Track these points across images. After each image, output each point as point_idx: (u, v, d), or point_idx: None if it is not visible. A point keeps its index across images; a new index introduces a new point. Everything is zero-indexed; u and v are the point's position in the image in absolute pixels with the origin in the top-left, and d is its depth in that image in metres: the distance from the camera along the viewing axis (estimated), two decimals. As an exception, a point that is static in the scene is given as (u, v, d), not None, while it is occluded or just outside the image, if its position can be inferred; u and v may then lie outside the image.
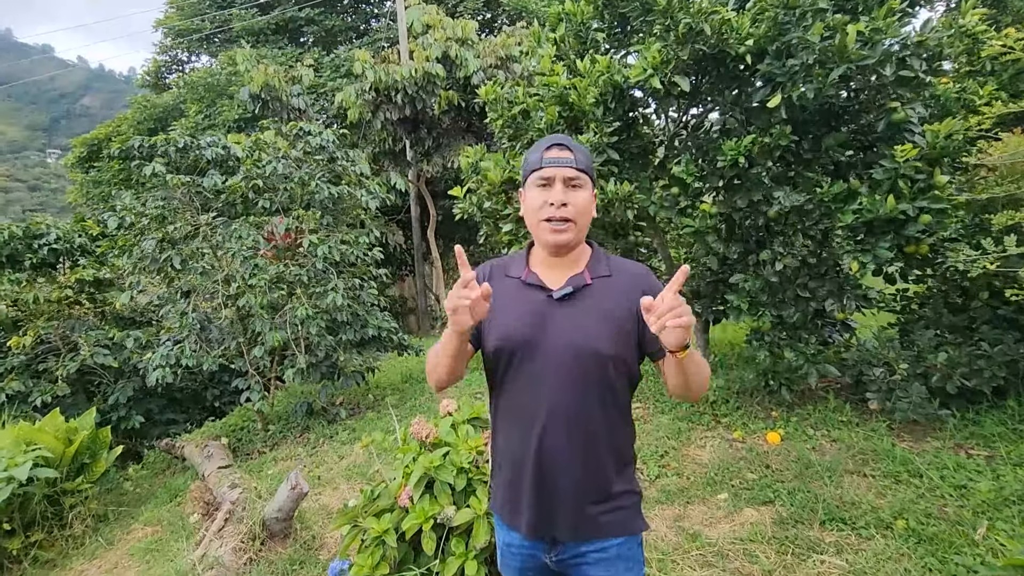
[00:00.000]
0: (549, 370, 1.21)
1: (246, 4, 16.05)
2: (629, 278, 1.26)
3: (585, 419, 1.21)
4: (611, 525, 1.24)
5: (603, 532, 1.24)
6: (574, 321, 1.21)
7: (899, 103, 2.93)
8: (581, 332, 1.20)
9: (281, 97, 10.41)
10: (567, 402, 1.20)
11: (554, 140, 1.26)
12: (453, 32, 9.83)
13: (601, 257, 1.32)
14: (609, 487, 1.24)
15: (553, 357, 1.21)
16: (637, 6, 3.43)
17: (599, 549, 1.24)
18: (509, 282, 1.32)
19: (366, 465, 4.15)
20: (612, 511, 1.24)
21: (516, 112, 3.64)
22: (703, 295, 4.21)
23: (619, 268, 1.29)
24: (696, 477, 3.20)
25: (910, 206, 2.81)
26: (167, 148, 4.61)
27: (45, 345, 5.88)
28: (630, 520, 1.26)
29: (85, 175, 15.54)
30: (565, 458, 1.21)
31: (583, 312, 1.22)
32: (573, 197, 1.23)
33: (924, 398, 3.23)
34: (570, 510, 1.23)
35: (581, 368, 1.19)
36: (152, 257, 4.73)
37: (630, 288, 1.23)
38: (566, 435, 1.21)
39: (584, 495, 1.22)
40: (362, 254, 5.37)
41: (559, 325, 1.22)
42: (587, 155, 1.28)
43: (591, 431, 1.21)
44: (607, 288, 1.25)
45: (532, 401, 1.24)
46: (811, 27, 2.85)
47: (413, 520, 2.10)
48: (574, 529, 1.24)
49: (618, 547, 1.25)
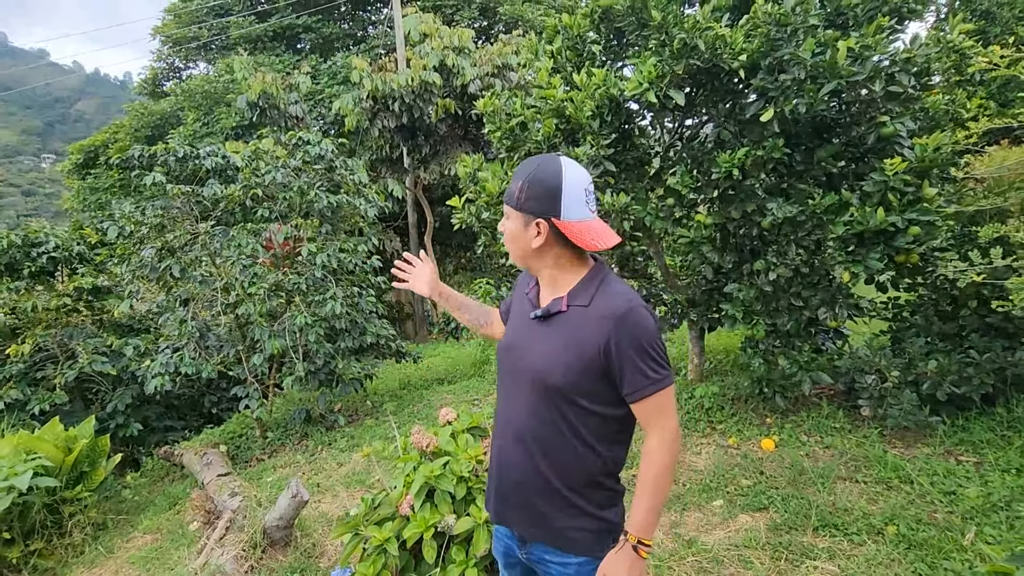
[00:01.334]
0: (516, 383, 1.33)
1: (244, 12, 16.12)
2: (605, 314, 1.19)
3: (530, 434, 1.28)
4: (572, 542, 1.28)
5: (565, 546, 1.29)
6: (541, 344, 1.28)
7: (888, 117, 3.01)
8: (541, 356, 1.26)
9: (279, 105, 10.47)
10: (518, 415, 1.31)
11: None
12: (450, 41, 9.92)
13: (590, 283, 1.26)
14: (557, 499, 1.27)
15: (520, 373, 1.30)
16: (633, 21, 3.50)
17: (561, 563, 1.31)
18: (520, 294, 1.44)
19: (365, 473, 4.18)
20: (575, 530, 1.28)
21: (514, 124, 3.70)
22: (698, 303, 4.27)
23: (600, 300, 1.22)
24: (692, 484, 3.24)
25: (899, 218, 2.88)
26: (167, 158, 4.65)
27: (43, 353, 5.88)
28: (594, 543, 1.28)
29: (82, 181, 15.53)
30: (512, 464, 1.32)
31: (551, 337, 1.26)
32: (504, 225, 1.32)
33: (915, 405, 3.29)
34: (517, 510, 1.33)
35: (534, 389, 1.26)
36: (151, 265, 4.76)
37: (603, 325, 1.18)
38: (513, 444, 1.31)
39: (529, 499, 1.30)
40: (360, 262, 5.42)
41: (531, 344, 1.30)
42: (521, 178, 1.25)
43: (539, 448, 1.27)
44: (580, 318, 1.23)
45: (502, 407, 1.38)
46: (803, 43, 2.92)
47: (414, 528, 2.13)
48: (527, 528, 1.33)
49: (578, 566, 1.29)
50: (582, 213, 1.22)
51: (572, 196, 1.21)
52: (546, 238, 1.24)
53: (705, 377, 4.73)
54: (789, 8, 2.90)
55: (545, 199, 1.21)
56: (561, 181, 1.21)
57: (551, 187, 1.21)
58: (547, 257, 1.28)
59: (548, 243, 1.25)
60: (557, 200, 1.21)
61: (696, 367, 4.71)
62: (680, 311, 4.48)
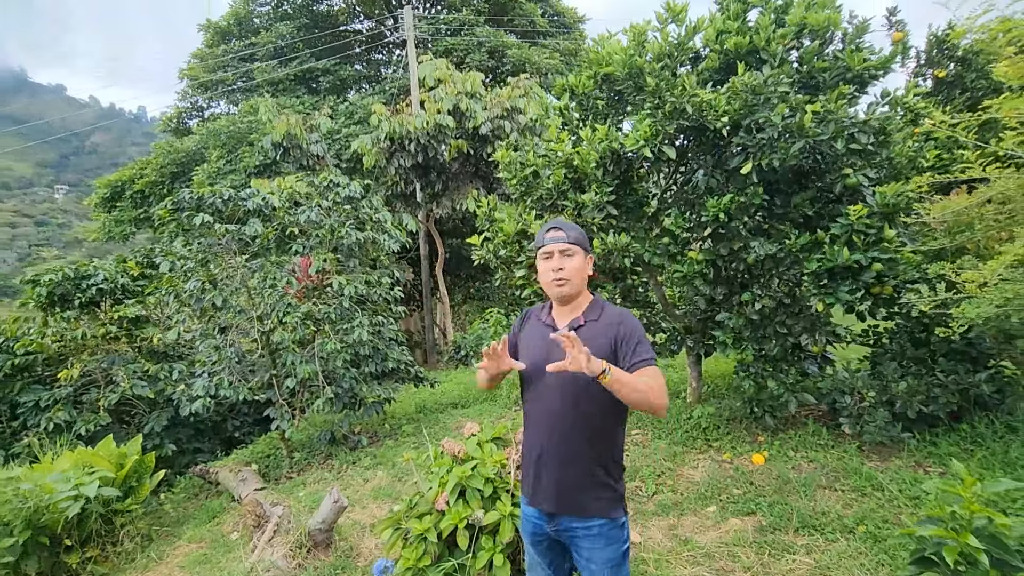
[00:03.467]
0: (555, 388, 1.74)
1: (267, 58, 17.09)
2: (611, 322, 1.74)
3: (570, 424, 1.71)
4: (592, 508, 1.71)
5: (585, 512, 1.72)
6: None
7: (852, 169, 3.49)
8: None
9: (301, 144, 11.15)
10: (560, 411, 1.73)
11: (552, 224, 1.82)
12: (463, 86, 10.62)
13: (597, 305, 1.81)
14: (589, 476, 1.71)
15: (553, 378, 1.71)
16: (630, 84, 4.03)
17: (585, 527, 1.73)
18: (537, 322, 1.89)
19: (390, 487, 4.55)
20: (594, 499, 1.71)
21: (528, 173, 4.20)
22: (694, 331, 4.69)
23: (606, 314, 1.78)
24: (689, 493, 3.61)
25: (863, 256, 3.32)
26: (214, 200, 5.19)
27: (86, 377, 6.34)
28: (609, 508, 1.72)
29: (107, 214, 16.25)
30: (555, 452, 1.73)
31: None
32: (567, 263, 1.77)
33: (888, 422, 3.67)
34: (555, 490, 1.73)
35: (570, 386, 1.69)
36: (196, 297, 5.24)
37: (610, 329, 1.72)
38: (556, 436, 1.73)
39: (569, 480, 1.71)
40: (384, 293, 5.89)
41: (558, 354, 1.69)
42: (577, 230, 1.79)
43: (575, 433, 1.71)
44: (594, 328, 1.73)
45: (540, 409, 1.78)
46: (775, 108, 3.43)
47: (449, 521, 2.53)
48: (559, 503, 1.73)
49: (599, 527, 1.72)
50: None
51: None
52: (589, 269, 1.81)
53: (703, 399, 5.11)
54: (762, 81, 3.41)
55: (587, 242, 1.82)
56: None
57: (585, 235, 1.81)
58: (584, 286, 1.82)
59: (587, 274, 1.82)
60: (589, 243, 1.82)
61: (694, 390, 5.10)
62: (678, 338, 4.90)
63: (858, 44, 3.79)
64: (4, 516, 3.76)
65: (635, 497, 3.71)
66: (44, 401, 5.91)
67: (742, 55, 3.86)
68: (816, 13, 3.56)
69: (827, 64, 3.66)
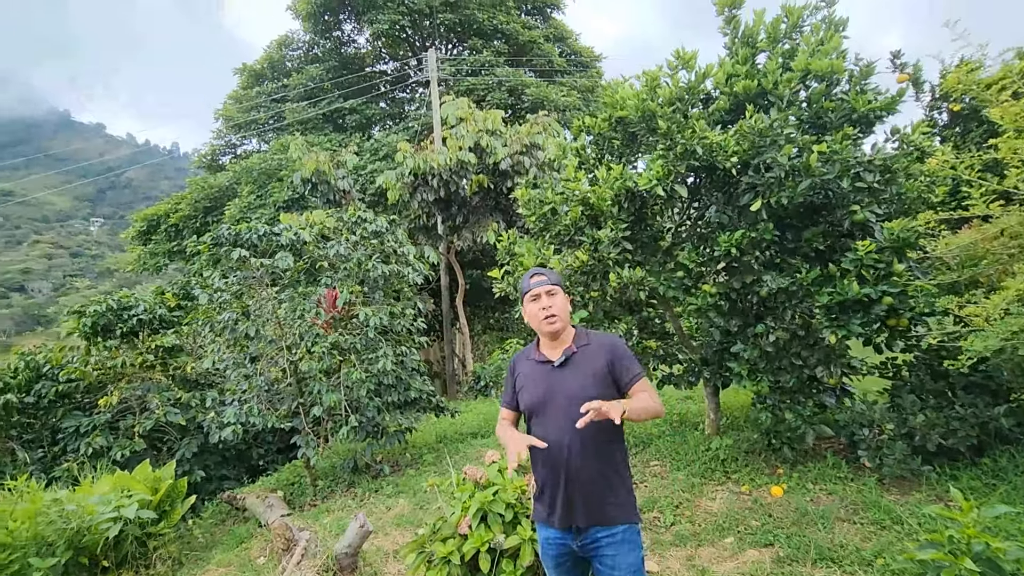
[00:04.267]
0: (560, 413, 1.91)
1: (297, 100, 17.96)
2: (602, 345, 1.99)
3: (580, 446, 1.88)
4: (615, 514, 1.87)
5: (609, 519, 1.87)
6: (570, 378, 1.94)
7: (859, 206, 3.61)
8: (575, 384, 1.92)
9: (329, 180, 11.64)
10: (568, 437, 1.88)
11: (534, 271, 2.07)
12: (483, 124, 11.04)
13: (582, 334, 2.05)
14: (609, 485, 1.88)
15: (561, 404, 1.91)
16: (643, 127, 4.25)
17: (609, 534, 1.87)
18: (528, 362, 2.09)
19: (412, 515, 4.65)
20: (614, 505, 1.87)
21: (546, 210, 4.41)
22: (710, 363, 4.77)
23: (596, 338, 2.02)
24: (706, 524, 3.65)
25: (872, 290, 3.42)
26: (249, 236, 5.50)
27: (123, 404, 6.62)
28: (628, 511, 1.89)
29: (143, 247, 16.98)
30: (578, 470, 1.88)
31: (574, 371, 1.95)
32: (554, 300, 2.00)
33: (907, 455, 3.68)
34: (583, 504, 1.88)
35: (573, 410, 1.83)
36: (230, 327, 5.51)
37: (603, 351, 1.97)
38: (567, 456, 1.88)
39: (592, 492, 1.87)
40: (407, 324, 6.09)
41: (561, 383, 1.95)
42: (555, 274, 2.06)
43: (584, 451, 1.87)
44: (588, 353, 1.97)
45: (552, 436, 1.91)
46: (782, 149, 3.59)
47: (471, 544, 2.64)
48: (589, 516, 1.88)
49: (623, 532, 1.87)
50: None
51: None
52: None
53: (721, 431, 5.14)
54: (768, 124, 3.59)
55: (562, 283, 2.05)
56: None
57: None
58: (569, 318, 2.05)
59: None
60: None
61: (712, 422, 5.13)
62: (695, 369, 4.98)
63: (863, 86, 3.96)
64: (48, 536, 3.96)
65: (653, 527, 3.75)
66: (84, 427, 6.18)
67: (751, 97, 4.06)
68: (819, 60, 3.75)
69: (834, 105, 3.83)
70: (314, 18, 18.59)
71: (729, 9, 4.38)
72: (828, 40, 3.91)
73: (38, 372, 6.58)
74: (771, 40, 4.23)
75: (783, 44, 4.28)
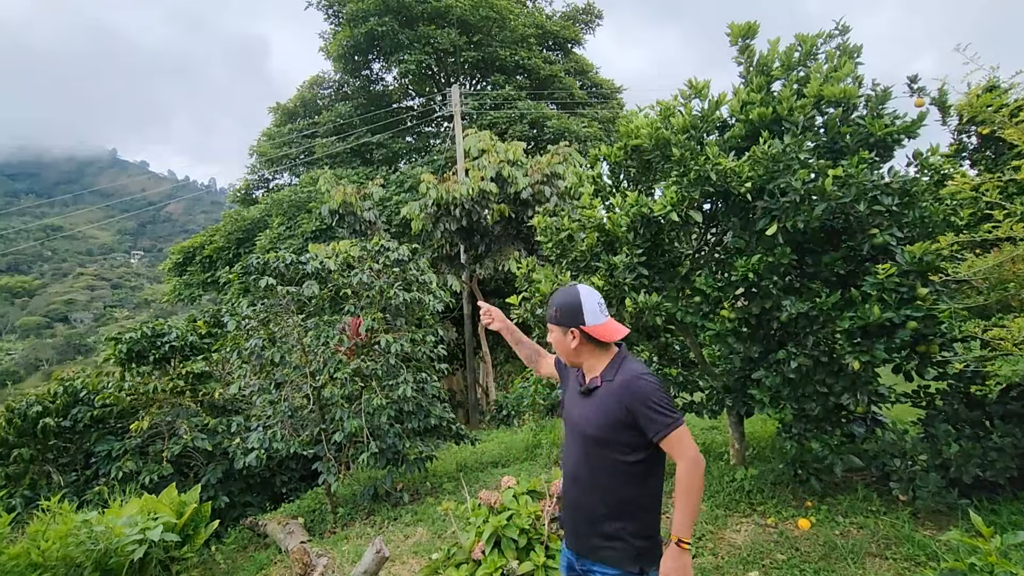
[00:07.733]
0: (573, 439, 1.94)
1: (327, 134, 18.70)
2: (623, 386, 1.79)
3: (583, 475, 1.87)
4: (604, 555, 1.82)
5: (600, 559, 1.82)
6: (585, 410, 1.90)
7: (878, 229, 3.57)
8: (584, 419, 1.88)
9: (355, 211, 11.99)
10: (576, 462, 1.90)
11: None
12: (505, 155, 11.29)
13: (615, 365, 1.87)
14: (600, 524, 1.82)
15: (574, 432, 1.93)
16: (658, 155, 4.31)
17: (603, 572, 1.83)
18: (573, 376, 2.04)
19: (430, 544, 4.61)
20: (608, 548, 1.81)
21: (563, 237, 4.47)
22: (733, 390, 4.68)
23: (621, 376, 1.82)
24: (730, 557, 3.53)
25: (895, 314, 3.34)
26: (277, 264, 5.70)
27: (153, 429, 6.80)
28: (623, 559, 1.79)
29: (179, 278, 17.64)
30: (575, 498, 1.89)
31: (591, 405, 1.88)
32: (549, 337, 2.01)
33: (941, 487, 3.52)
34: (575, 534, 1.89)
35: (584, 442, 1.86)
36: (256, 353, 5.66)
37: (622, 391, 1.78)
38: (575, 484, 1.89)
39: (587, 527, 1.85)
40: (428, 351, 6.16)
41: (581, 412, 1.92)
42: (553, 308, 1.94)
43: (587, 484, 1.86)
44: (608, 389, 1.82)
45: (566, 458, 1.96)
46: (796, 173, 3.60)
47: (484, 570, 2.62)
48: (579, 545, 1.88)
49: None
50: (599, 319, 1.88)
51: (590, 309, 1.88)
52: (579, 340, 1.89)
53: (747, 462, 4.99)
54: (781, 149, 3.61)
55: (572, 315, 1.90)
56: (580, 301, 1.89)
57: (574, 306, 1.89)
58: (583, 353, 1.93)
59: (581, 343, 1.91)
60: (580, 313, 1.88)
61: (737, 451, 5.00)
62: (718, 397, 4.88)
63: (879, 111, 3.97)
64: (77, 557, 4.05)
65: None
66: (115, 451, 6.36)
67: (767, 124, 4.09)
68: (832, 86, 3.78)
69: (851, 130, 3.84)
70: (345, 59, 19.48)
71: (743, 39, 4.46)
72: (841, 67, 3.94)
73: (75, 397, 6.83)
74: (785, 68, 4.28)
75: (797, 72, 4.32)
